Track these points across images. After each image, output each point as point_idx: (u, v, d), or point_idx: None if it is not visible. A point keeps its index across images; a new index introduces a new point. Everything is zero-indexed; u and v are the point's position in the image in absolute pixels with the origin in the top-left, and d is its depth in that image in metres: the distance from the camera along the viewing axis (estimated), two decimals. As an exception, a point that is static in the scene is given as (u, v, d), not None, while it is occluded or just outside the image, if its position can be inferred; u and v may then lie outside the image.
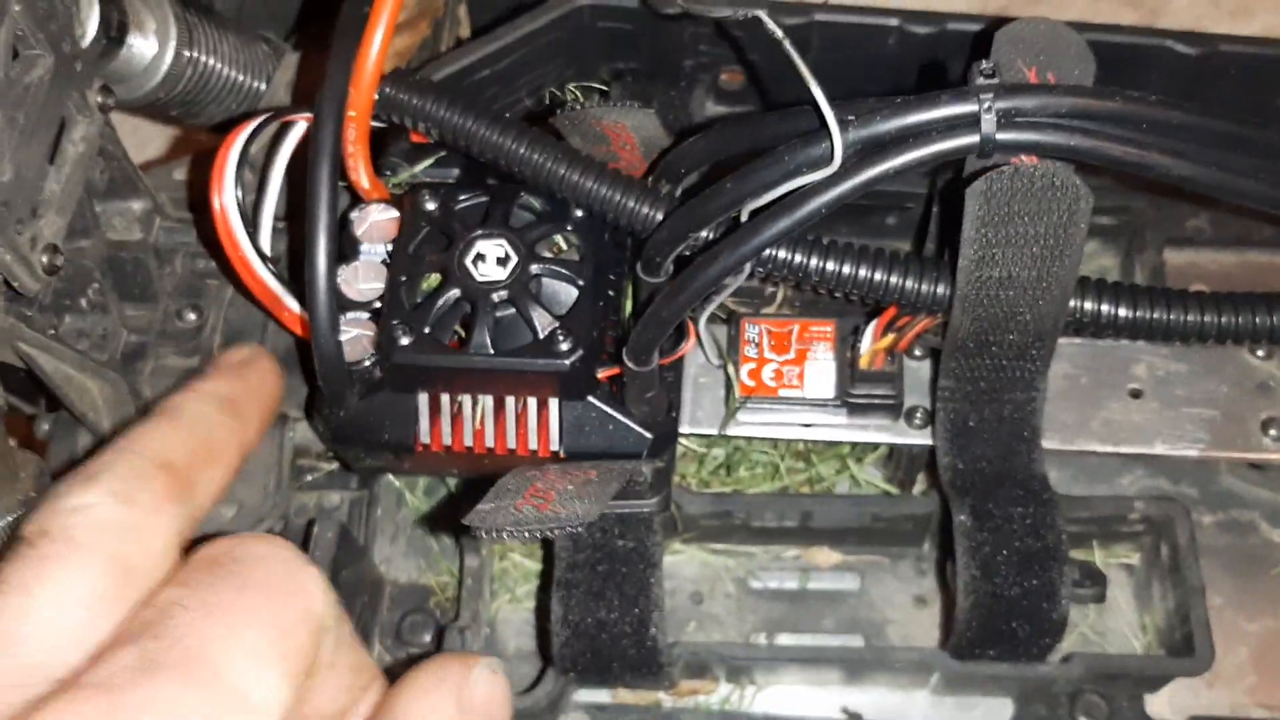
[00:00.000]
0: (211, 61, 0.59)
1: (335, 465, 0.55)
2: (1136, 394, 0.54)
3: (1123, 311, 0.46)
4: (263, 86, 0.63)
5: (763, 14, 0.39)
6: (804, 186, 0.41)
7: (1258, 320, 0.48)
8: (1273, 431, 0.54)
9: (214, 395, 0.42)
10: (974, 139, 0.40)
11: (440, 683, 0.35)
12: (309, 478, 0.55)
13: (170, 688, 0.30)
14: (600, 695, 0.54)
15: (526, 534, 0.41)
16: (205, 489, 0.39)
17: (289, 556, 0.35)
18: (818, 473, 0.56)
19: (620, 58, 0.61)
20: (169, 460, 0.37)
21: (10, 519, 0.45)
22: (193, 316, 0.56)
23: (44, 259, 0.46)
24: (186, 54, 0.57)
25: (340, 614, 0.36)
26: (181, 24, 0.56)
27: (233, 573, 0.33)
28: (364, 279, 0.50)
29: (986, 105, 0.39)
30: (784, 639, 0.55)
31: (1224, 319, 0.48)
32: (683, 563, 0.57)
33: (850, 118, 0.40)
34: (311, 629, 0.34)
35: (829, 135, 0.40)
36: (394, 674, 0.37)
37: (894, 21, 0.58)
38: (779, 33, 0.39)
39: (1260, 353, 0.55)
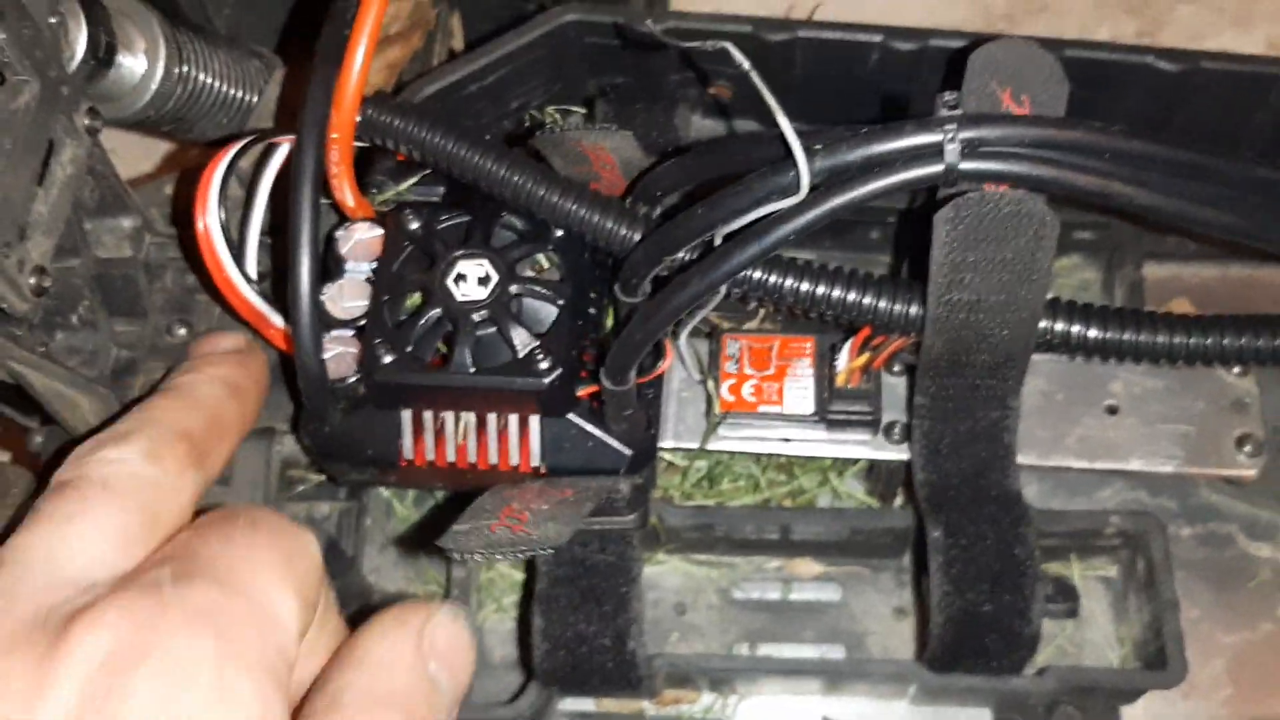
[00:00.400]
0: (202, 78, 0.60)
1: (324, 477, 0.56)
2: (1113, 410, 0.55)
3: (1093, 333, 0.47)
4: (254, 100, 0.64)
5: (729, 46, 0.40)
6: (773, 213, 0.42)
7: (1226, 342, 0.48)
8: (1247, 448, 0.54)
9: (223, 380, 0.46)
10: (938, 168, 0.40)
11: (401, 626, 0.36)
12: (299, 489, 0.56)
13: (209, 592, 0.33)
14: (585, 704, 0.55)
15: (499, 556, 0.41)
16: (215, 461, 0.43)
17: (286, 518, 0.37)
18: (799, 485, 0.57)
19: (606, 73, 0.62)
20: (189, 432, 0.41)
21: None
22: (183, 331, 0.56)
23: (32, 281, 0.47)
24: (176, 71, 0.58)
25: (328, 580, 0.38)
26: (171, 43, 0.57)
27: (243, 523, 0.36)
28: (348, 297, 0.51)
29: (950, 135, 0.40)
30: (766, 649, 0.56)
31: (1194, 340, 0.48)
32: (666, 574, 0.57)
33: (817, 147, 0.41)
34: (317, 571, 0.36)
35: (795, 164, 0.40)
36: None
37: (877, 38, 0.58)
38: (745, 64, 0.40)
39: (1235, 370, 0.55)
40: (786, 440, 0.54)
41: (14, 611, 0.33)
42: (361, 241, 0.52)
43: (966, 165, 0.40)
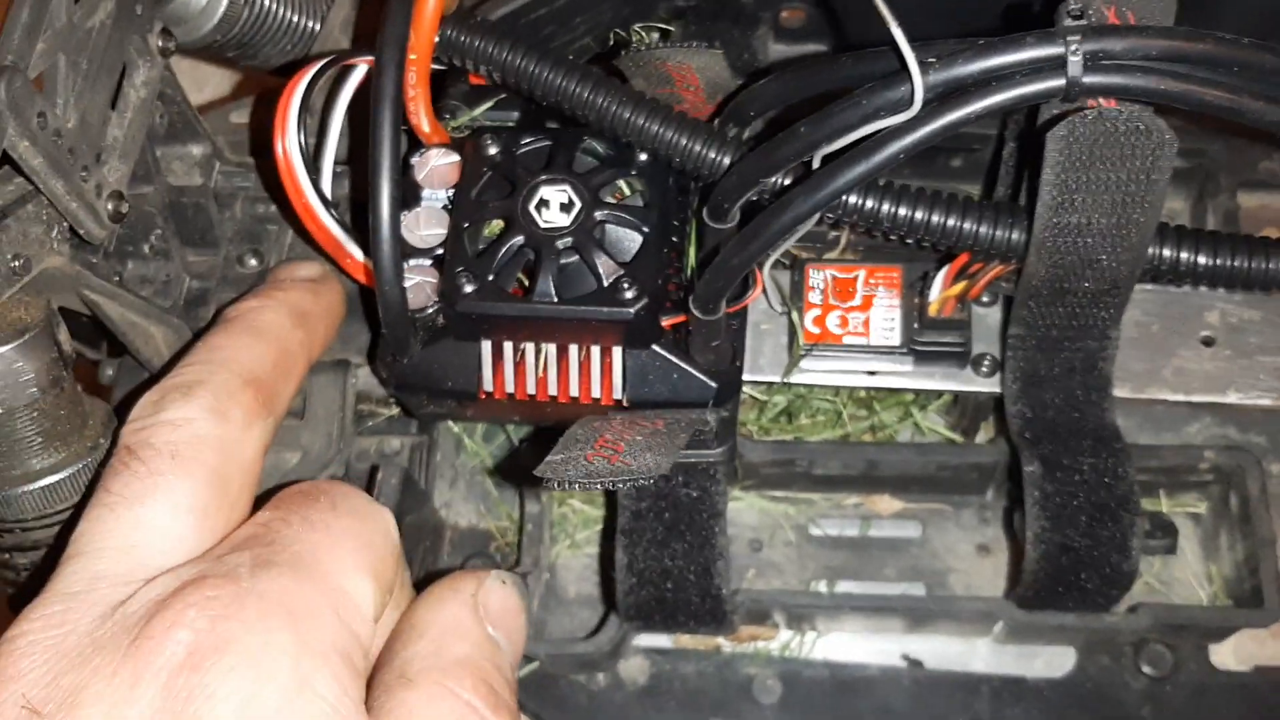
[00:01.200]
0: (267, 3, 0.58)
1: (396, 411, 0.55)
2: (1209, 342, 0.53)
3: (1202, 259, 0.45)
4: (318, 27, 0.62)
5: (843, -47, 0.38)
6: (881, 131, 0.40)
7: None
8: (1349, 381, 0.52)
9: (290, 307, 0.45)
10: (1060, 82, 0.38)
11: (456, 594, 0.37)
12: (370, 423, 0.55)
13: (285, 580, 0.33)
14: (661, 640, 0.54)
15: (598, 486, 0.40)
16: (282, 400, 0.43)
17: (365, 495, 0.38)
18: (880, 420, 0.56)
19: (679, -6, 0.60)
20: (256, 376, 0.41)
21: (82, 465, 0.46)
22: (254, 262, 0.55)
23: (109, 206, 0.46)
24: (242, -5, 0.57)
25: (403, 556, 0.38)
26: (237, -35, 0.56)
27: (323, 500, 0.36)
28: (426, 225, 0.49)
29: (1074, 47, 0.38)
30: (844, 586, 0.55)
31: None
32: (743, 510, 0.56)
33: (931, 60, 0.39)
34: (394, 552, 0.37)
35: (909, 78, 0.39)
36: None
37: (963, -44, 0.56)
38: (859, -28, 0.38)
39: (1336, 300, 0.54)
40: (872, 373, 0.52)
41: (94, 611, 0.33)
42: (438, 168, 0.50)
43: (1090, 79, 0.38)
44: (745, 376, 0.53)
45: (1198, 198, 0.60)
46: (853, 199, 0.45)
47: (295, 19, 0.61)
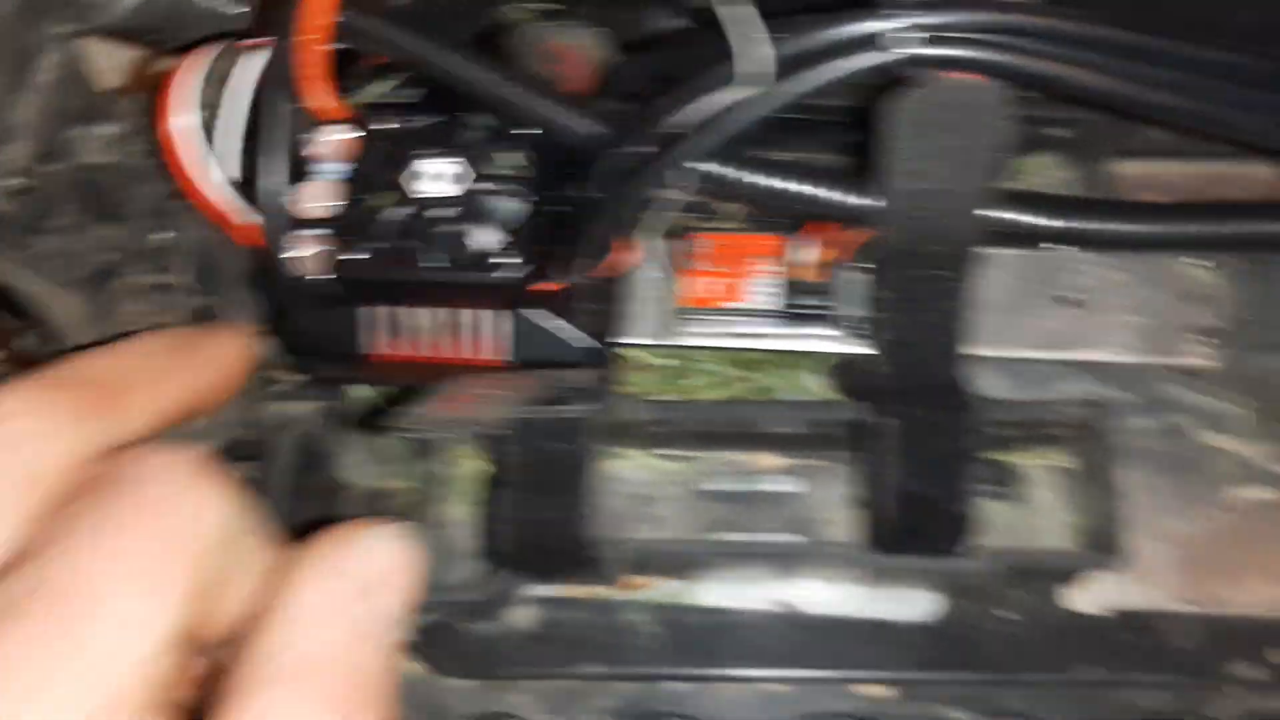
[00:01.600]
0: (181, -15, 0.60)
1: (301, 375, 0.58)
2: (1075, 302, 0.56)
3: (1043, 221, 0.48)
4: (236, 10, 0.64)
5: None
6: (732, 104, 0.43)
7: (1190, 230, 0.49)
8: (1210, 339, 0.55)
9: (167, 336, 0.40)
10: (889, 56, 0.41)
11: (323, 563, 0.33)
12: (274, 388, 0.58)
13: (37, 632, 0.28)
14: (549, 590, 0.57)
15: (454, 433, 0.43)
16: (132, 410, 0.37)
17: (187, 469, 0.32)
18: (764, 382, 0.58)
19: (577, -29, 0.62)
20: (94, 378, 0.36)
21: None
22: (163, 236, 0.58)
23: (14, 183, 0.48)
24: (156, -23, 0.59)
25: (249, 522, 0.34)
26: (149, -53, 0.58)
27: (125, 492, 0.32)
28: (319, 196, 0.52)
29: (904, 21, 0.41)
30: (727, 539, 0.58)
31: (1158, 228, 0.49)
32: (629, 468, 0.59)
33: (781, 35, 0.41)
34: (207, 545, 0.32)
35: (750, 54, 0.41)
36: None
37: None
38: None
39: (1199, 260, 0.56)
40: (749, 335, 0.55)
41: None
42: (333, 142, 0.53)
43: (925, 51, 0.40)
44: (629, 340, 0.56)
45: (1078, 165, 0.63)
46: (713, 168, 0.47)
47: (214, 2, 0.63)
